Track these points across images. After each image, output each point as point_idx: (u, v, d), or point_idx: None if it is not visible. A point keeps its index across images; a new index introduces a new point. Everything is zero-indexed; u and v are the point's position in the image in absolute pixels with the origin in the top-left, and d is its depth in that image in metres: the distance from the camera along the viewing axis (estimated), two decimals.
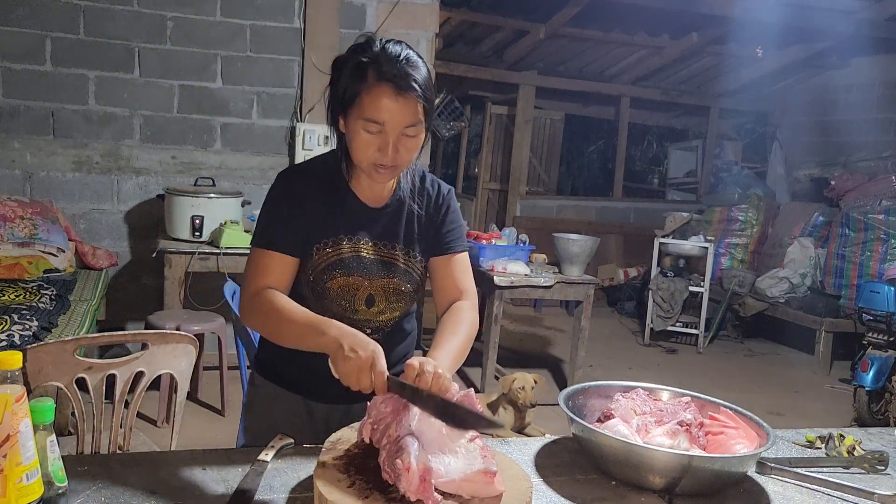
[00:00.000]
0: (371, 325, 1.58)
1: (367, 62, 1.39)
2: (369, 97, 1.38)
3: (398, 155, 1.42)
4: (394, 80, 1.37)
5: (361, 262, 1.54)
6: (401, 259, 1.57)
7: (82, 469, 1.28)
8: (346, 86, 1.41)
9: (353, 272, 1.53)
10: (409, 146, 1.43)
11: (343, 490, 1.13)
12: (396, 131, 1.40)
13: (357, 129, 1.41)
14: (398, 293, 1.57)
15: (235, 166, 4.62)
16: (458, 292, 1.60)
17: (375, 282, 1.55)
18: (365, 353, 1.24)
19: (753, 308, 6.44)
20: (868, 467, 1.53)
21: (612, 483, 1.36)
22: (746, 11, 5.84)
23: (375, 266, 1.55)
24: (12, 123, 4.29)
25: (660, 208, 7.79)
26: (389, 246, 1.57)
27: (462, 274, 1.62)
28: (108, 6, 4.34)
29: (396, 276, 1.56)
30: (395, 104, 1.37)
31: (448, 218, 1.62)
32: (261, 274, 1.49)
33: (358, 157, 1.45)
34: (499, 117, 8.28)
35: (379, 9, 4.73)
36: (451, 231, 1.62)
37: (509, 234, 4.84)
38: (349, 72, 1.41)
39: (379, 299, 1.56)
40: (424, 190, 1.61)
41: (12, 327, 2.98)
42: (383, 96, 1.37)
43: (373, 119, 1.39)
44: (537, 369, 4.81)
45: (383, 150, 1.41)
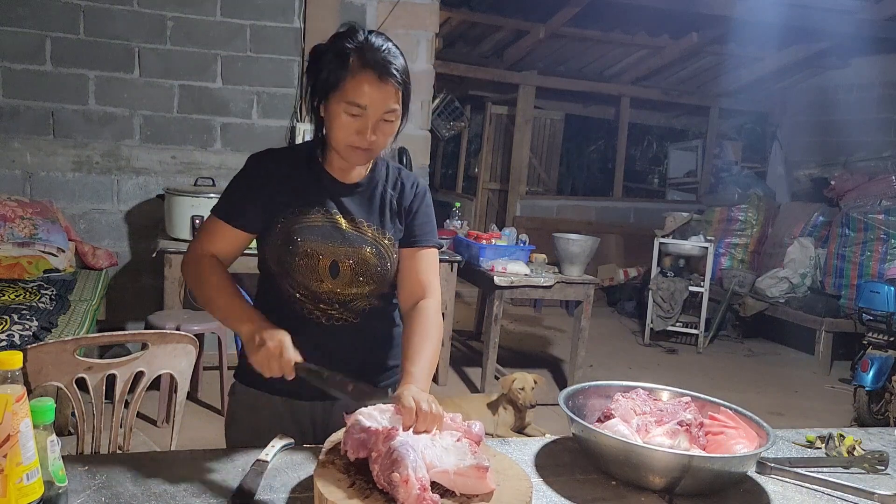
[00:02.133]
0: (339, 300, 1.57)
1: (351, 49, 1.46)
2: (353, 82, 1.44)
3: (376, 138, 1.48)
4: (376, 67, 1.44)
5: (328, 230, 1.56)
6: (370, 234, 1.58)
7: (82, 469, 1.28)
8: (329, 71, 1.47)
9: (318, 238, 1.55)
10: (386, 130, 1.49)
11: (343, 490, 1.13)
12: (377, 115, 1.46)
13: (338, 112, 1.47)
14: (365, 265, 1.56)
15: (235, 166, 4.56)
16: (421, 289, 1.61)
17: (340, 249, 1.55)
18: (272, 342, 1.35)
19: (753, 308, 6.44)
20: (868, 467, 1.53)
21: (612, 483, 1.37)
22: (746, 11, 5.85)
23: (342, 235, 1.56)
24: (12, 123, 4.29)
25: (660, 208, 7.79)
26: (359, 221, 1.59)
27: (428, 270, 1.63)
28: (108, 6, 4.34)
29: (363, 247, 1.57)
30: (376, 90, 1.44)
31: (421, 210, 1.65)
32: (208, 239, 1.60)
33: (336, 139, 1.50)
34: (499, 117, 8.28)
35: (379, 9, 4.73)
36: (423, 224, 1.64)
37: (509, 234, 4.84)
38: (333, 58, 1.47)
39: (344, 268, 1.55)
40: (399, 179, 1.66)
41: (12, 327, 2.98)
42: (366, 82, 1.44)
43: (355, 102, 1.45)
44: (537, 369, 4.82)
45: (362, 133, 1.47)
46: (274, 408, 1.60)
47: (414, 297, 1.60)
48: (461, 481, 1.16)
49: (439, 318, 1.59)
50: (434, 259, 1.66)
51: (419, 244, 1.63)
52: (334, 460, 1.22)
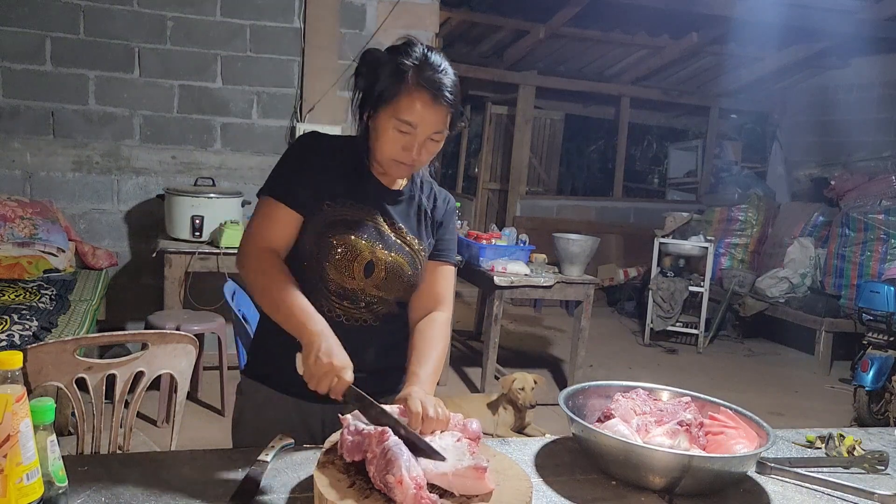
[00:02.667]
0: (365, 300, 1.56)
1: (410, 66, 1.46)
2: (408, 100, 1.45)
3: (420, 156, 1.50)
4: (431, 88, 1.45)
5: (370, 228, 1.55)
6: (407, 241, 1.60)
7: (82, 469, 1.28)
8: (384, 84, 1.47)
9: (360, 233, 1.53)
10: (431, 150, 1.51)
11: (343, 490, 1.13)
12: (425, 135, 1.48)
13: (387, 127, 1.48)
14: (398, 272, 1.56)
15: (235, 166, 4.62)
16: (435, 302, 1.63)
17: (379, 251, 1.54)
18: (339, 362, 1.34)
19: (753, 308, 6.44)
20: (868, 467, 1.53)
21: (612, 483, 1.36)
22: (746, 11, 5.85)
23: (382, 237, 1.56)
24: (12, 123, 4.29)
25: (660, 208, 7.79)
26: (399, 227, 1.60)
27: (445, 285, 1.66)
28: (108, 6, 4.34)
29: (399, 253, 1.57)
30: (429, 111, 1.45)
31: (448, 226, 1.69)
32: (266, 226, 1.52)
33: (381, 151, 1.51)
34: (499, 117, 8.28)
35: (379, 9, 4.73)
36: (448, 241, 1.68)
37: (509, 234, 4.84)
38: (390, 71, 1.47)
39: (378, 269, 1.54)
40: (433, 192, 1.70)
41: (12, 327, 2.98)
42: (419, 102, 1.45)
43: (406, 121, 1.45)
44: (537, 369, 4.82)
45: (408, 150, 1.48)
46: (283, 407, 1.59)
47: (427, 308, 1.63)
48: (459, 482, 1.16)
49: (448, 331, 1.62)
50: (452, 276, 1.68)
51: (442, 259, 1.66)
52: (334, 460, 1.22)
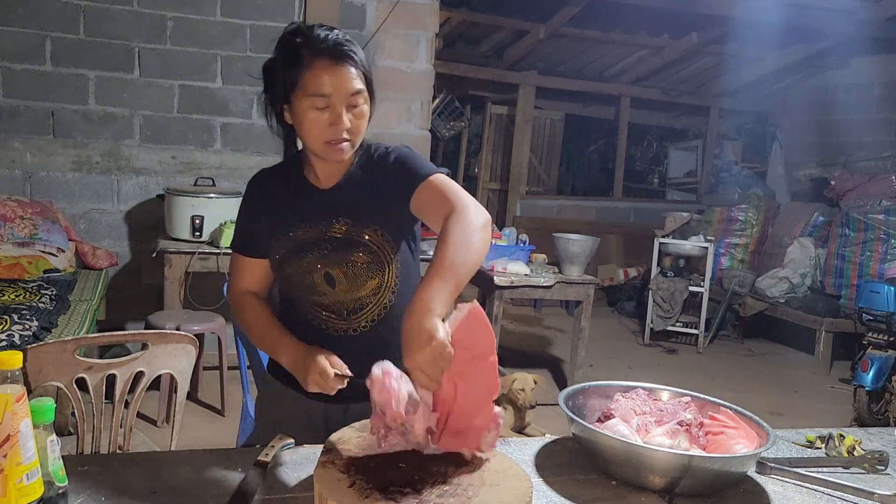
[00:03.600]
0: (346, 308, 1.56)
1: (300, 44, 1.44)
2: (310, 73, 1.42)
3: (351, 126, 1.45)
4: (329, 53, 1.42)
5: (314, 243, 1.55)
6: (353, 231, 1.55)
7: (82, 469, 1.28)
8: (284, 74, 1.46)
9: (306, 255, 1.55)
10: (358, 115, 1.46)
11: (343, 490, 1.13)
12: (343, 101, 1.43)
13: (304, 110, 1.44)
14: (353, 265, 1.54)
15: (235, 166, 4.62)
16: (445, 206, 1.41)
17: (329, 260, 1.54)
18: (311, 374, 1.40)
19: (753, 308, 6.44)
20: (868, 467, 1.53)
21: (612, 483, 1.37)
22: (746, 11, 5.84)
23: (328, 245, 1.55)
24: (12, 123, 4.29)
25: (660, 208, 7.79)
26: (340, 221, 1.55)
27: (444, 190, 1.46)
28: (108, 6, 4.34)
29: (349, 248, 1.54)
30: (335, 74, 1.42)
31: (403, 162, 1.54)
32: (238, 275, 1.65)
33: (311, 138, 1.48)
34: (499, 117, 8.28)
35: (379, 9, 4.73)
36: (412, 167, 1.52)
37: (509, 234, 4.84)
38: (284, 60, 1.46)
39: (338, 276, 1.54)
40: (373, 157, 1.58)
41: (12, 327, 2.98)
42: (322, 69, 1.42)
43: (318, 93, 1.42)
44: (537, 369, 4.82)
45: (335, 123, 1.44)
46: (292, 404, 1.63)
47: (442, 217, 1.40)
48: None
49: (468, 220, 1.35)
50: (445, 180, 1.48)
51: (419, 180, 1.49)
52: (334, 460, 1.22)
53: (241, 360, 2.87)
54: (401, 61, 4.87)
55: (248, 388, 2.82)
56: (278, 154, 1.67)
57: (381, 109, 5.48)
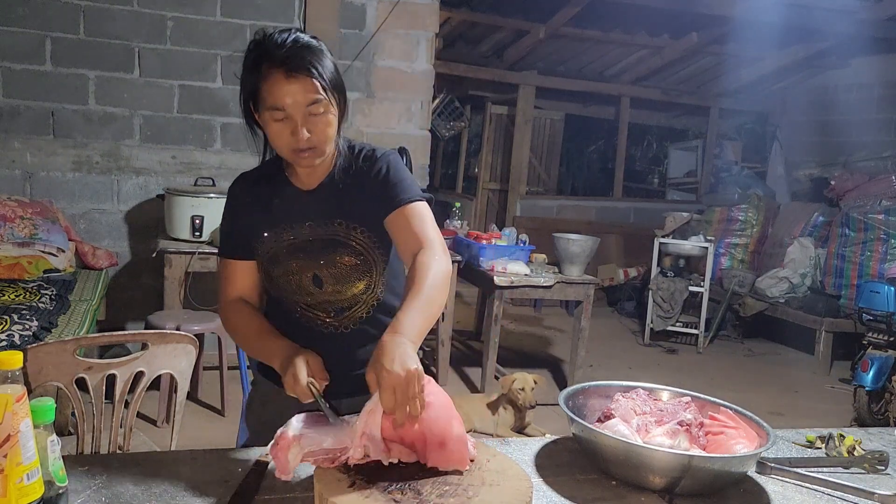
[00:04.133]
0: (335, 307, 1.58)
1: (258, 55, 1.43)
2: (266, 86, 1.42)
3: (311, 135, 1.43)
4: (283, 64, 1.40)
5: (300, 245, 1.56)
6: (340, 233, 1.55)
7: (82, 469, 1.28)
8: (246, 85, 1.46)
9: (293, 257, 1.55)
10: (319, 124, 1.44)
11: (343, 490, 1.13)
12: (300, 112, 1.42)
13: (267, 121, 1.45)
14: (341, 266, 1.55)
15: (235, 166, 4.62)
16: (416, 242, 1.47)
17: (316, 261, 1.55)
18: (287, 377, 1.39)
19: (753, 308, 6.44)
20: (868, 467, 1.53)
21: (612, 483, 1.36)
22: (746, 11, 5.85)
23: (314, 246, 1.55)
24: (12, 123, 4.29)
25: (660, 208, 7.79)
26: (326, 223, 1.55)
27: (419, 223, 1.50)
28: (108, 6, 4.34)
29: (337, 250, 1.55)
30: (289, 87, 1.40)
31: (388, 176, 1.54)
32: (227, 282, 1.63)
33: (278, 148, 1.48)
34: (499, 117, 8.28)
35: (379, 9, 4.73)
36: (395, 185, 1.53)
37: (509, 234, 4.84)
38: (246, 70, 1.46)
39: (325, 278, 1.56)
40: (358, 159, 1.57)
41: (12, 327, 2.98)
42: (276, 82, 1.41)
43: (274, 106, 1.42)
44: (537, 369, 4.82)
45: (295, 134, 1.43)
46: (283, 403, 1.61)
47: (411, 253, 1.49)
48: None
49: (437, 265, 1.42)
50: (422, 211, 1.52)
51: (399, 204, 1.51)
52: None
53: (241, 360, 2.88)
54: (401, 61, 4.87)
55: (247, 388, 2.82)
56: None
57: (381, 109, 5.50)
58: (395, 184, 1.53)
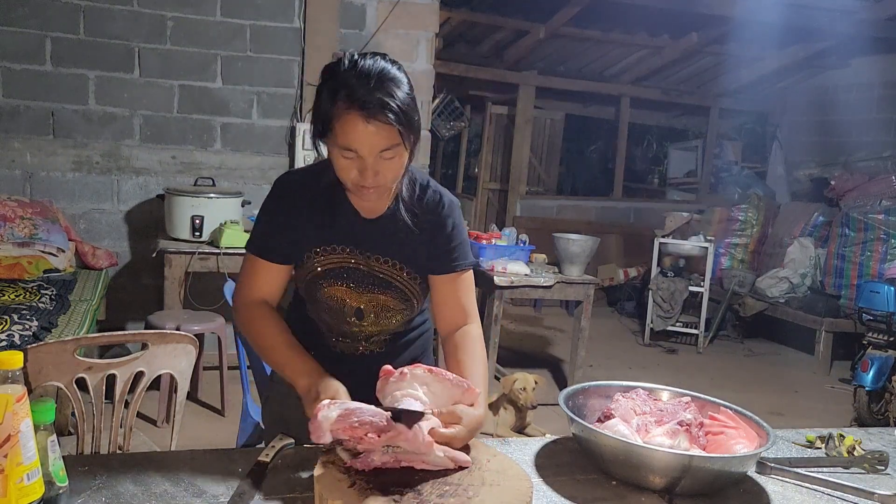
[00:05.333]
0: (365, 337, 1.60)
1: (337, 87, 1.35)
2: (340, 125, 1.34)
3: (378, 177, 1.39)
4: (364, 107, 1.32)
5: (351, 273, 1.53)
6: (392, 274, 1.54)
7: (82, 469, 1.28)
8: (320, 112, 1.39)
9: (342, 283, 1.53)
10: (389, 167, 1.39)
11: (343, 490, 1.13)
12: (372, 156, 1.36)
13: (335, 155, 1.39)
14: (387, 309, 1.57)
15: (235, 166, 4.62)
16: (462, 315, 1.55)
17: (364, 296, 1.54)
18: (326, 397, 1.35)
19: (753, 308, 6.44)
20: (868, 467, 1.53)
21: (612, 483, 1.36)
22: (746, 11, 5.85)
23: (366, 279, 1.54)
24: (12, 123, 4.29)
25: (660, 208, 7.79)
26: (381, 259, 1.54)
27: (466, 295, 1.56)
28: (108, 6, 4.34)
29: (386, 292, 1.54)
30: (365, 132, 1.33)
31: (451, 234, 1.55)
32: (252, 280, 1.56)
33: (342, 178, 1.43)
34: (499, 117, 8.28)
35: (379, 9, 4.73)
36: (455, 248, 1.54)
37: (509, 234, 4.83)
38: (323, 97, 1.38)
39: (367, 314, 1.57)
40: (424, 201, 1.55)
41: (12, 327, 2.98)
42: (353, 125, 1.33)
43: (346, 147, 1.36)
44: (537, 369, 4.82)
45: (363, 174, 1.38)
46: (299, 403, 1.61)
47: (455, 323, 1.55)
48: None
49: (483, 342, 1.56)
50: (471, 281, 1.58)
51: (456, 269, 1.54)
52: (334, 460, 1.22)
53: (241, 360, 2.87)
54: (401, 61, 4.86)
55: (248, 388, 2.82)
56: (278, 154, 1.67)
57: None
58: (455, 245, 1.55)
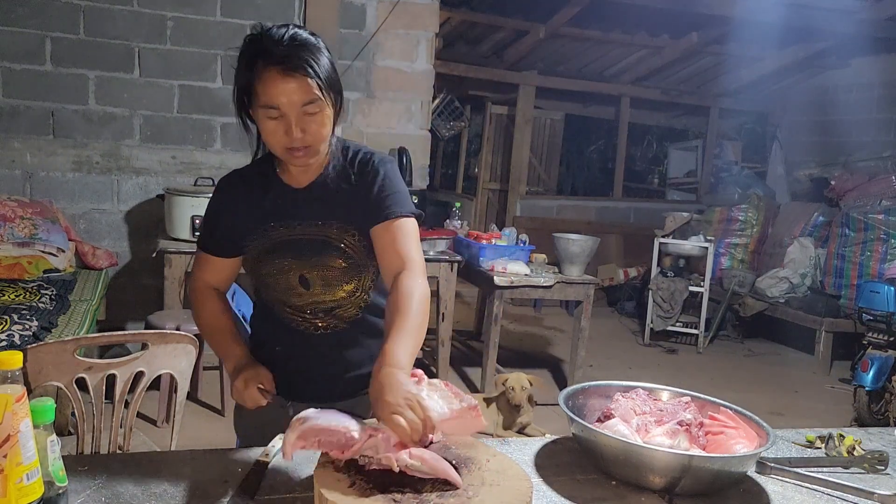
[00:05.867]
0: (321, 307, 1.57)
1: (255, 50, 1.42)
2: (261, 84, 1.40)
3: (306, 135, 1.42)
4: (280, 63, 1.38)
5: (290, 244, 1.54)
6: (331, 235, 1.54)
7: (82, 469, 1.28)
8: (241, 81, 1.45)
9: (282, 255, 1.55)
10: (314, 123, 1.42)
11: (343, 490, 1.13)
12: (294, 111, 1.40)
13: (261, 118, 1.43)
14: (330, 269, 1.54)
15: (235, 166, 4.58)
16: (399, 261, 1.48)
17: (305, 262, 1.54)
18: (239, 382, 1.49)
19: (753, 308, 6.44)
20: (868, 467, 1.54)
21: (612, 483, 1.37)
22: (746, 11, 5.84)
23: (305, 246, 1.54)
24: (12, 123, 4.29)
25: (660, 208, 7.79)
26: (318, 224, 1.54)
27: (404, 241, 1.50)
28: (108, 6, 4.34)
29: (327, 255, 1.53)
30: (285, 86, 1.38)
31: (381, 184, 1.53)
32: (199, 270, 1.68)
33: (271, 145, 1.47)
34: (499, 117, 8.28)
35: (379, 9, 4.73)
36: (386, 197, 1.52)
37: (509, 234, 4.84)
38: (241, 65, 1.44)
39: (313, 279, 1.55)
40: (353, 163, 1.56)
41: (12, 327, 2.98)
42: (272, 81, 1.39)
43: (268, 105, 1.40)
44: (537, 369, 4.82)
45: (289, 133, 1.41)
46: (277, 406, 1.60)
47: (393, 271, 1.50)
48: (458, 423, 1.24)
49: (422, 290, 1.44)
50: (409, 228, 1.52)
51: (389, 217, 1.51)
52: (334, 460, 1.22)
53: None
54: (401, 61, 4.87)
55: None
56: None
57: (380, 109, 5.50)
58: (388, 194, 1.53)
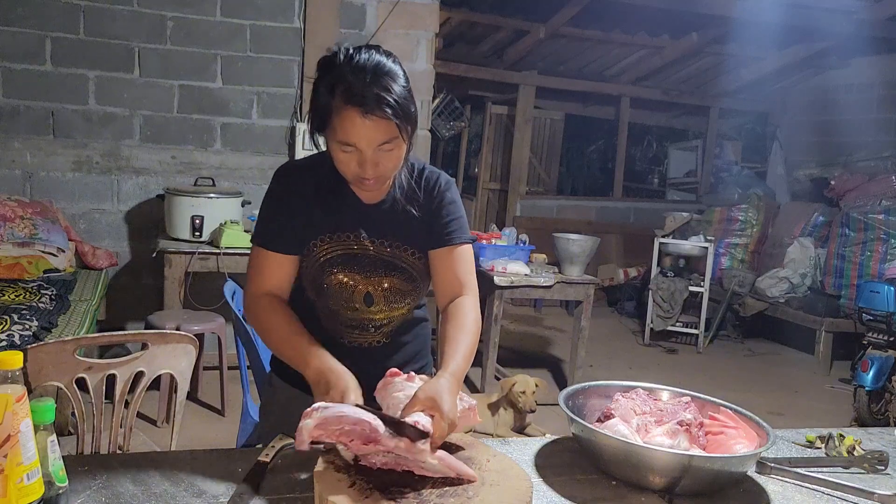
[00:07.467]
0: (374, 324, 1.59)
1: (335, 78, 1.37)
2: (338, 120, 1.37)
3: (378, 168, 1.41)
4: (361, 103, 1.34)
5: (358, 259, 1.54)
6: (397, 256, 1.56)
7: (82, 469, 1.28)
8: (318, 107, 1.40)
9: (350, 269, 1.54)
10: (388, 159, 1.42)
11: (343, 490, 1.13)
12: (370, 149, 1.39)
13: (334, 149, 1.42)
14: (396, 292, 1.57)
15: (235, 166, 4.62)
16: (458, 286, 1.55)
17: (373, 280, 1.55)
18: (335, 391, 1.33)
19: (753, 308, 6.44)
20: (868, 467, 1.53)
21: (612, 483, 1.36)
22: (746, 11, 5.85)
23: (373, 263, 1.55)
24: (12, 123, 4.29)
25: (660, 208, 7.79)
26: (387, 243, 1.56)
27: (463, 267, 1.57)
28: (108, 6, 4.34)
29: (394, 275, 1.56)
30: (363, 126, 1.35)
31: (445, 209, 1.57)
32: (260, 274, 1.55)
33: (342, 171, 1.46)
34: (499, 117, 8.28)
35: (379, 9, 4.73)
36: (450, 222, 1.57)
37: (509, 234, 4.83)
38: (320, 92, 1.40)
39: (377, 298, 1.56)
40: (421, 183, 1.58)
41: (12, 327, 2.98)
42: (350, 120, 1.35)
43: (344, 141, 1.38)
44: (537, 369, 4.82)
45: (363, 167, 1.41)
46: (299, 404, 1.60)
47: (451, 295, 1.55)
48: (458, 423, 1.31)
49: (477, 314, 1.53)
50: (467, 254, 1.59)
51: (450, 243, 1.56)
52: (334, 460, 1.22)
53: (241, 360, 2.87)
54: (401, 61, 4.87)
55: (248, 388, 2.82)
56: (278, 154, 1.67)
57: None
58: (452, 219, 1.57)
